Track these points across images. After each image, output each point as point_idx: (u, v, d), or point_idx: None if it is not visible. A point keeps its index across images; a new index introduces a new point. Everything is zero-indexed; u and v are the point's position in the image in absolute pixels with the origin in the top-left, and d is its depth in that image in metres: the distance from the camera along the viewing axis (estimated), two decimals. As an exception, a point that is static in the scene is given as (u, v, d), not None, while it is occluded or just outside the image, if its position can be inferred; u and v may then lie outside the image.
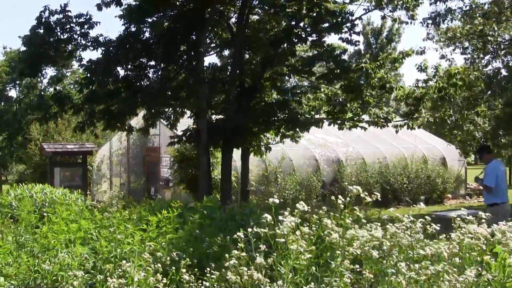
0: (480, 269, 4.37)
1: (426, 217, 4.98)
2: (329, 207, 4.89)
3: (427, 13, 18.23)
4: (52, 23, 14.65)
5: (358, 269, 4.46)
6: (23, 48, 15.12)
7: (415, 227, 4.87)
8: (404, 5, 15.00)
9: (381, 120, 15.43)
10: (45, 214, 6.83)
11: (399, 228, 4.85)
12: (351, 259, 4.51)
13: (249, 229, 4.53)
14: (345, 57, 15.87)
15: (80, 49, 15.05)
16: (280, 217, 4.46)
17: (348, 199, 4.68)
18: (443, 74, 15.85)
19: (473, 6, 18.49)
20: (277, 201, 4.64)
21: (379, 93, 15.45)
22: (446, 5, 17.98)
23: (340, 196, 4.72)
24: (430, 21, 18.34)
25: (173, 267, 4.82)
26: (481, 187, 9.89)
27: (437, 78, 16.06)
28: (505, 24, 18.72)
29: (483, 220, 5.01)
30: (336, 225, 4.63)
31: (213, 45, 16.98)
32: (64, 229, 5.75)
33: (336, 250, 4.47)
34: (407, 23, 15.47)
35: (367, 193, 4.60)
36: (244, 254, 4.36)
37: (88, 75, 15.07)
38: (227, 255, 4.41)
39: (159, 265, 4.84)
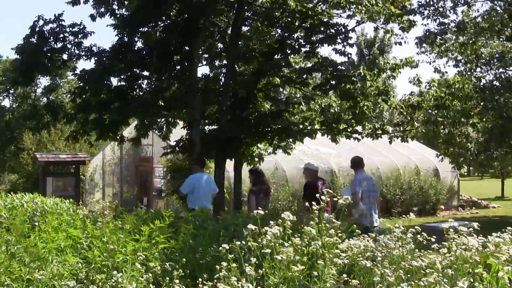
0: (472, 280, 4.37)
1: (416, 227, 4.99)
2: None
3: (421, 31, 18.26)
4: (45, 32, 14.65)
5: (345, 278, 4.45)
6: (16, 57, 15.09)
7: (406, 238, 4.86)
8: (400, 25, 15.06)
9: (376, 131, 15.45)
10: (36, 224, 6.79)
11: (390, 239, 4.85)
12: (341, 267, 4.50)
13: (237, 242, 4.52)
14: (342, 67, 15.89)
15: (74, 59, 15.05)
16: (266, 228, 4.46)
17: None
18: (441, 82, 15.87)
19: (465, 19, 18.59)
20: (261, 212, 4.65)
21: (376, 100, 15.46)
22: (438, 22, 18.01)
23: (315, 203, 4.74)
24: (423, 40, 18.31)
25: (166, 278, 4.80)
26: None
27: (435, 87, 16.07)
28: (497, 37, 18.82)
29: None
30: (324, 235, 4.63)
31: (206, 55, 16.99)
32: (53, 237, 5.71)
33: (319, 259, 4.47)
34: (400, 43, 15.50)
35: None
36: (234, 265, 4.35)
37: (81, 84, 15.06)
38: (218, 266, 4.40)
39: (150, 275, 4.82)
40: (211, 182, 12.87)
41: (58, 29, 14.69)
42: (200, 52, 16.27)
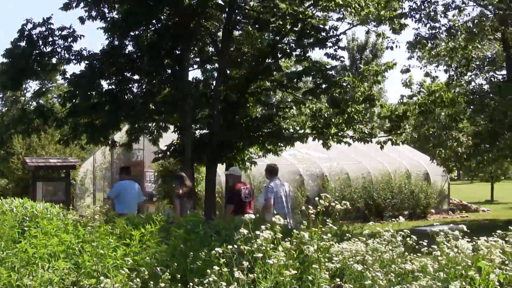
0: (464, 283, 4.36)
1: (406, 230, 4.98)
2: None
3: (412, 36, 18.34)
4: (34, 36, 14.56)
5: (338, 282, 4.43)
6: (4, 61, 14.95)
7: (396, 241, 4.85)
8: (391, 27, 15.14)
9: (366, 135, 15.45)
10: (25, 228, 6.74)
11: (380, 242, 4.83)
12: (333, 271, 4.49)
13: (229, 246, 4.50)
14: (332, 72, 15.90)
15: (64, 63, 14.95)
16: (257, 232, 4.44)
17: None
18: (425, 90, 15.98)
19: (456, 23, 18.65)
20: (252, 216, 4.63)
21: (363, 107, 15.49)
22: (429, 26, 18.03)
23: (311, 207, 4.74)
24: (414, 45, 18.34)
25: (151, 282, 4.76)
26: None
27: (420, 95, 16.16)
28: (487, 41, 18.90)
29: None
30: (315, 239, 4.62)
31: (197, 59, 16.95)
32: (45, 243, 5.67)
33: (313, 264, 4.45)
34: (391, 48, 15.64)
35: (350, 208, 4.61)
36: (225, 269, 4.32)
37: (72, 88, 14.97)
38: (209, 271, 4.37)
39: (139, 280, 4.78)
40: (138, 190, 13.53)
41: (47, 32, 14.61)
42: (191, 56, 16.24)
